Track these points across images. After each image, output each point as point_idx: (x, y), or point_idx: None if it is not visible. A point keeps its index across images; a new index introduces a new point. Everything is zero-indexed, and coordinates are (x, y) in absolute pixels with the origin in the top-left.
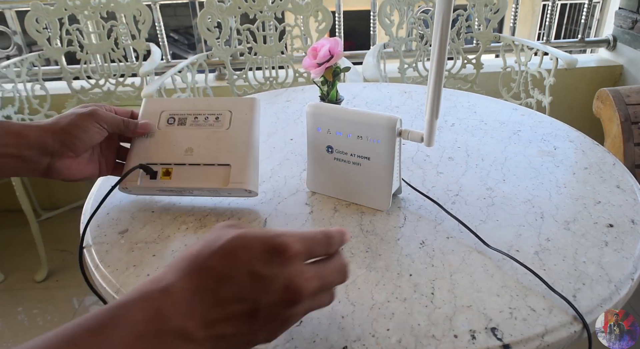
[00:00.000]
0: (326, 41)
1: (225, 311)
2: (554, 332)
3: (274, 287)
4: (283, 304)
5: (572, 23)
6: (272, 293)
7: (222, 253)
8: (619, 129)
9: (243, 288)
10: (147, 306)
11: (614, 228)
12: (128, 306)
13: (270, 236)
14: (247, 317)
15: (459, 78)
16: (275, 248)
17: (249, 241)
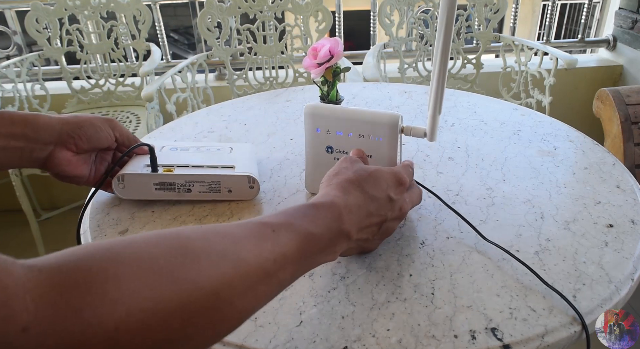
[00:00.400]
0: (326, 41)
1: (370, 221)
2: (554, 332)
3: (396, 207)
4: (395, 220)
5: (572, 23)
6: (394, 211)
7: (372, 181)
8: (619, 129)
9: (382, 206)
10: (334, 211)
11: (614, 228)
12: (325, 207)
13: (395, 171)
14: (377, 227)
15: (459, 78)
16: (400, 181)
17: (385, 174)
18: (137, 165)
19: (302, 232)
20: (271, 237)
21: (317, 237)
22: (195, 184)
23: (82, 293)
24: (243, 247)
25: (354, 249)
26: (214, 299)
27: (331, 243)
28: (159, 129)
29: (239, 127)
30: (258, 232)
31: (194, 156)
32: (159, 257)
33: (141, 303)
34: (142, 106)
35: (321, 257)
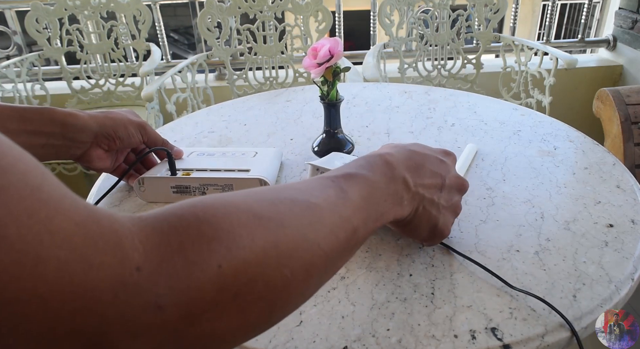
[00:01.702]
0: (326, 41)
1: (426, 179)
2: (554, 332)
3: (451, 172)
4: (456, 188)
5: (572, 23)
6: (451, 175)
7: (417, 147)
8: (619, 129)
9: (434, 165)
10: (382, 159)
11: (614, 228)
12: (373, 157)
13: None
14: (438, 189)
15: (459, 78)
16: (446, 150)
17: (426, 146)
18: (158, 169)
19: (362, 179)
20: (332, 185)
21: (375, 181)
22: (210, 187)
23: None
24: (310, 194)
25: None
26: (301, 238)
27: (392, 190)
28: (159, 129)
29: (239, 127)
30: (320, 183)
31: (215, 161)
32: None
33: (237, 239)
34: (142, 106)
35: (388, 208)
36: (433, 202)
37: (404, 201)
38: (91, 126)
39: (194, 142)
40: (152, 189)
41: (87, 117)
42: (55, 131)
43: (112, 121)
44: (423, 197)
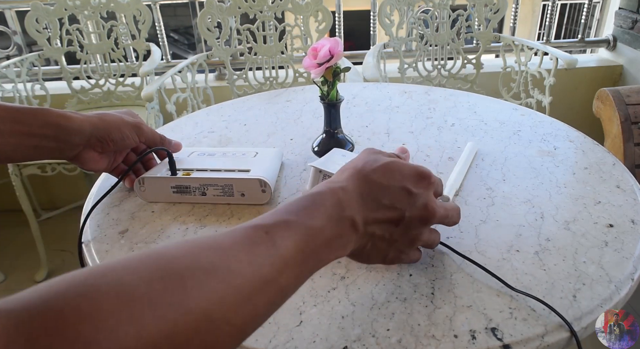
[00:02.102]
0: (326, 41)
1: (380, 213)
2: (554, 332)
3: (418, 203)
4: (419, 220)
5: (572, 23)
6: (414, 207)
7: (382, 170)
8: (619, 129)
9: (395, 197)
10: (332, 197)
11: (614, 228)
12: (322, 195)
13: (417, 165)
14: (393, 224)
15: (459, 78)
16: (421, 174)
17: (401, 165)
18: (159, 169)
19: (300, 228)
20: (265, 240)
21: (318, 230)
22: (210, 187)
23: (53, 337)
24: (233, 257)
25: (372, 250)
26: (205, 321)
27: (336, 234)
28: (159, 129)
29: (239, 127)
30: (249, 237)
31: (216, 161)
32: (139, 284)
33: (122, 341)
34: (142, 106)
35: (329, 253)
36: (383, 238)
37: (350, 243)
38: (84, 128)
39: (194, 142)
40: (152, 189)
41: (81, 119)
42: (48, 133)
43: (105, 123)
44: (373, 235)
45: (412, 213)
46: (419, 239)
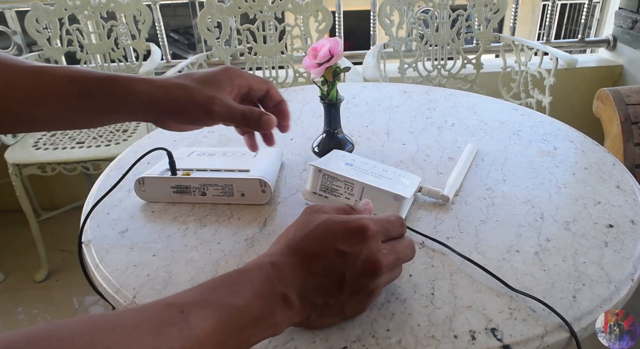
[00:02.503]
0: (326, 41)
1: (317, 282)
2: (554, 332)
3: (357, 261)
4: (365, 276)
5: (572, 23)
6: (354, 266)
7: (311, 237)
8: (619, 129)
9: (329, 263)
10: (260, 273)
11: (614, 229)
12: (249, 270)
13: (351, 220)
14: (335, 288)
15: (459, 78)
16: (354, 229)
17: (332, 225)
18: (159, 168)
19: (221, 306)
20: (178, 320)
21: (242, 308)
22: (210, 187)
23: None
24: (135, 341)
25: (320, 317)
26: None
27: (265, 312)
28: (159, 129)
29: None
30: (161, 316)
31: (216, 161)
32: None
33: None
34: None
35: (256, 333)
36: (329, 306)
37: (283, 320)
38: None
39: (194, 142)
40: (152, 189)
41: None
42: (117, 107)
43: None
44: (314, 305)
45: (353, 272)
46: (377, 289)
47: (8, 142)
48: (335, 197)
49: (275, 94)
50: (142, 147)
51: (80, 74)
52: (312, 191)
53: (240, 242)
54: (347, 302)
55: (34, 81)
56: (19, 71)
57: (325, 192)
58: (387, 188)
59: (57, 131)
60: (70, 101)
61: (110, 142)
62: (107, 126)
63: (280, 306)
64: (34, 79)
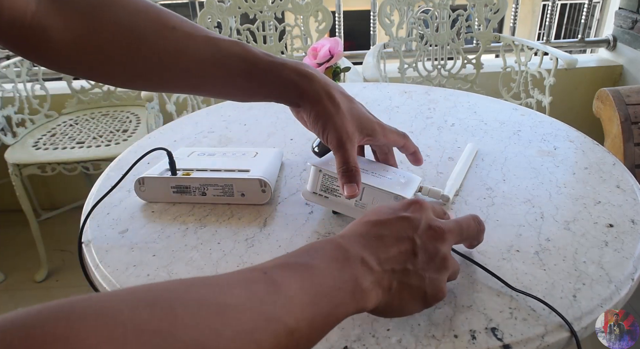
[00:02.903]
0: (326, 41)
1: (390, 249)
2: (554, 332)
3: (421, 226)
4: (433, 241)
5: (572, 23)
6: (420, 231)
7: (372, 213)
8: (619, 129)
9: (397, 228)
10: (331, 242)
11: (614, 228)
12: (320, 243)
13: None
14: (410, 254)
15: (459, 78)
16: (409, 201)
17: (389, 204)
18: (159, 168)
19: (302, 267)
20: (263, 279)
21: (323, 270)
22: (210, 187)
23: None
24: (229, 292)
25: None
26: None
27: (347, 275)
28: (159, 129)
29: (239, 127)
30: (246, 277)
31: (216, 161)
32: (122, 309)
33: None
34: (142, 106)
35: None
36: (408, 272)
37: (367, 286)
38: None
39: (193, 142)
40: (152, 189)
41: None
42: (281, 92)
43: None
44: (393, 272)
45: (421, 237)
46: (448, 259)
47: (8, 142)
48: (335, 197)
49: (410, 146)
50: (142, 147)
51: (251, 55)
52: (312, 191)
53: (240, 242)
54: (425, 269)
55: (209, 55)
56: (195, 40)
57: (325, 192)
58: (388, 188)
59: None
60: (237, 78)
61: (110, 142)
62: (107, 126)
63: (362, 270)
64: (210, 53)
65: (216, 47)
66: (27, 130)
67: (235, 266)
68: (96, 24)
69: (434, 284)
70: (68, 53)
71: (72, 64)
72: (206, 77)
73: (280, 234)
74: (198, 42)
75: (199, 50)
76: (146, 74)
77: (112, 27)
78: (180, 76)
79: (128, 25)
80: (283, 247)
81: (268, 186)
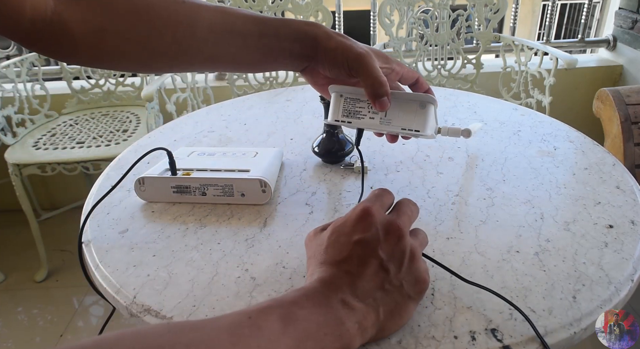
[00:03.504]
0: None
1: (363, 279)
2: (553, 333)
3: (377, 238)
4: (395, 244)
5: (572, 23)
6: (378, 242)
7: (330, 248)
8: (619, 129)
9: (358, 255)
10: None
11: (614, 229)
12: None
13: (350, 213)
14: (381, 272)
15: (459, 78)
16: (358, 217)
17: (338, 227)
18: (158, 168)
19: (285, 312)
20: (248, 324)
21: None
22: (210, 187)
23: None
24: (216, 337)
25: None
26: None
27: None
28: (159, 129)
29: (239, 127)
30: (233, 321)
31: (216, 161)
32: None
33: None
34: (142, 106)
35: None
36: (388, 292)
37: (352, 326)
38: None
39: (193, 142)
40: (152, 189)
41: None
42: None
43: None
44: (374, 300)
45: (382, 248)
46: (415, 252)
47: (8, 142)
48: (358, 119)
49: (423, 83)
50: (142, 147)
51: (259, 16)
52: (335, 118)
53: (240, 242)
54: (400, 277)
55: (221, 21)
56: (206, 9)
57: (348, 116)
58: (412, 96)
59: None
60: (250, 40)
61: (110, 142)
62: (107, 126)
63: (343, 311)
64: (221, 19)
65: (227, 14)
66: (27, 130)
67: (236, 266)
68: (112, 10)
69: (413, 281)
70: (91, 44)
71: (92, 55)
72: (221, 45)
73: (280, 234)
74: (209, 12)
75: (211, 19)
76: (165, 52)
77: (126, 9)
78: (196, 47)
79: (142, 6)
80: (283, 248)
81: (268, 186)
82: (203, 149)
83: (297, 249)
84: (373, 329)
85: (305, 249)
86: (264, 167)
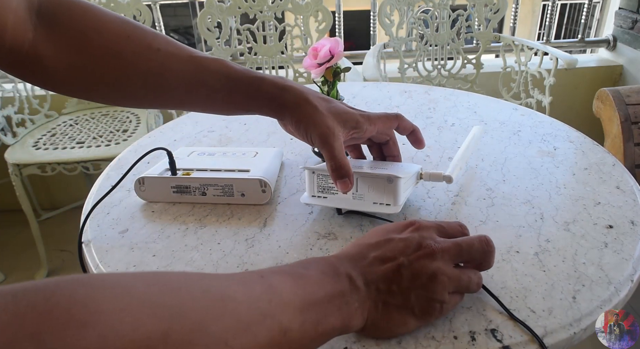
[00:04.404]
0: (326, 41)
1: (376, 270)
2: (553, 334)
3: (412, 246)
4: (421, 259)
5: (572, 23)
6: (410, 250)
7: (366, 235)
8: (619, 129)
9: (385, 249)
10: (323, 259)
11: (614, 229)
12: (313, 258)
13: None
14: (395, 274)
15: (459, 78)
16: (406, 223)
17: (384, 225)
18: (159, 168)
19: (295, 274)
20: (260, 281)
21: (314, 279)
22: (210, 187)
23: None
24: (228, 287)
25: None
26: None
27: (336, 290)
28: (159, 129)
29: (239, 127)
30: (245, 277)
31: (216, 161)
32: (136, 285)
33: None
34: None
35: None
36: (393, 293)
37: (353, 303)
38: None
39: (193, 142)
40: (152, 189)
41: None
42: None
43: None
44: (378, 292)
45: (408, 257)
46: (438, 277)
47: (8, 142)
48: (333, 195)
49: (407, 126)
50: (142, 147)
51: (232, 71)
52: (311, 194)
53: (240, 242)
54: (410, 287)
55: (192, 73)
56: (179, 60)
57: (322, 192)
58: (380, 172)
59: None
60: (219, 94)
61: (110, 142)
62: (107, 126)
63: (348, 286)
64: (193, 71)
65: (199, 66)
66: (27, 130)
67: (236, 267)
68: (85, 52)
69: (423, 301)
70: (62, 79)
71: (67, 88)
72: (191, 94)
73: (280, 234)
74: (182, 62)
75: (183, 70)
76: (134, 94)
77: (100, 53)
78: (166, 94)
79: (115, 49)
80: (283, 248)
81: (268, 186)
82: (203, 149)
83: (297, 249)
84: (370, 316)
85: None
86: (264, 167)
